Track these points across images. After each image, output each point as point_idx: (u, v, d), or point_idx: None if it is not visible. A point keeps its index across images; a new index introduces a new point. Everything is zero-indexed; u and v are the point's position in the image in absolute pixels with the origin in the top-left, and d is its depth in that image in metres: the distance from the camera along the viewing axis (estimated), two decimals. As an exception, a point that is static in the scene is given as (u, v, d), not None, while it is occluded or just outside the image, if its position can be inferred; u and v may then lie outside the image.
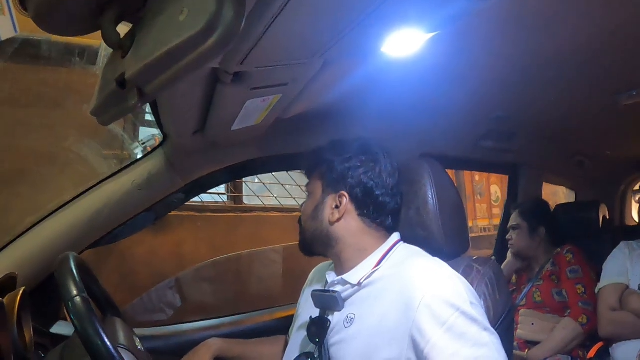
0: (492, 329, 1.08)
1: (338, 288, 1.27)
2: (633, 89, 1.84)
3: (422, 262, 1.20)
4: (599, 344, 2.25)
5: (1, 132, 2.77)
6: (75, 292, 1.02)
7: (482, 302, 1.24)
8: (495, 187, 8.27)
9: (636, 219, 3.44)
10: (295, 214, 4.18)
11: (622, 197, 3.50)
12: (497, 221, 7.95)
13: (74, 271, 1.07)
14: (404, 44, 1.22)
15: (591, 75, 1.72)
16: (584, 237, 2.70)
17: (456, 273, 1.16)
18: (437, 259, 1.21)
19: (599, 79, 1.76)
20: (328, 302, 1.26)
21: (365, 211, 1.28)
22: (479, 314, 1.08)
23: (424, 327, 1.05)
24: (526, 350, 2.31)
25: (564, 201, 3.06)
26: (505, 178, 2.86)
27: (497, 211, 8.13)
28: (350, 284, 1.24)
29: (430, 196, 1.33)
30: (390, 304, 1.13)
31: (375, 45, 1.19)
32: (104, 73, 0.84)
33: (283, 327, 1.65)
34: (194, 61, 0.63)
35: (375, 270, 1.24)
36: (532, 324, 2.36)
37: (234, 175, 2.06)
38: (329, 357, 1.20)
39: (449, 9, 1.05)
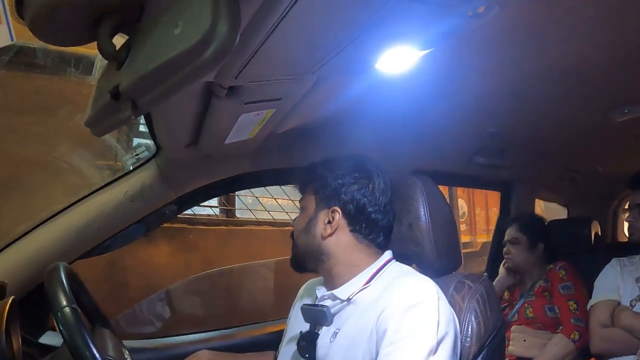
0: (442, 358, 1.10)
1: (328, 303, 1.28)
2: (625, 105, 1.86)
3: (411, 280, 1.21)
4: (591, 360, 2.25)
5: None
6: (64, 303, 1.01)
7: (473, 318, 1.25)
8: (461, 202, 7.76)
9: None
10: (287, 228, 4.17)
11: (614, 213, 3.51)
12: (464, 239, 7.72)
13: (64, 281, 1.07)
14: (398, 60, 1.22)
15: (584, 92, 1.73)
16: (576, 253, 2.71)
17: (443, 297, 1.17)
18: (427, 279, 1.21)
19: (592, 95, 1.77)
20: (317, 316, 1.27)
21: (357, 227, 1.28)
22: (441, 341, 1.10)
23: (386, 333, 1.09)
24: (518, 367, 2.30)
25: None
26: (472, 191, 2.87)
27: (464, 227, 7.78)
28: (339, 299, 1.25)
29: (422, 212, 1.33)
30: (369, 318, 1.15)
31: (369, 61, 1.19)
32: (98, 84, 0.84)
33: (273, 341, 1.64)
34: (188, 75, 0.64)
35: (365, 288, 1.24)
36: (524, 340, 2.35)
37: (227, 188, 2.05)
38: None
39: (442, 26, 1.06)
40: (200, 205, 4.03)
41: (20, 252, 1.56)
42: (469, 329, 1.25)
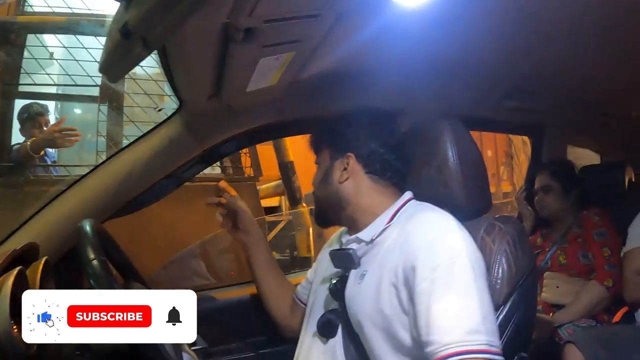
0: (480, 283, 1.10)
1: (353, 246, 1.31)
2: (664, 47, 1.78)
3: (429, 214, 1.24)
4: (624, 309, 2.23)
5: None
6: (92, 256, 1.03)
7: (504, 260, 1.24)
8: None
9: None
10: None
11: (649, 160, 3.40)
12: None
13: (91, 235, 1.09)
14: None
15: (620, 33, 1.67)
16: (609, 199, 2.64)
17: (462, 227, 1.19)
18: (445, 212, 1.24)
19: (628, 36, 1.71)
20: (344, 259, 1.30)
21: (372, 169, 1.32)
22: (473, 267, 1.10)
23: (416, 270, 1.10)
24: (551, 314, 2.28)
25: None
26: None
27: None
28: (364, 241, 1.29)
29: (450, 153, 1.31)
30: (393, 255, 1.18)
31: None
32: (110, 29, 0.84)
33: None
34: (192, 3, 0.62)
35: (386, 227, 1.27)
36: (557, 286, 2.32)
37: (252, 140, 2.08)
38: (347, 313, 1.25)
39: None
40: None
41: (52, 215, 1.59)
42: (500, 271, 1.24)
